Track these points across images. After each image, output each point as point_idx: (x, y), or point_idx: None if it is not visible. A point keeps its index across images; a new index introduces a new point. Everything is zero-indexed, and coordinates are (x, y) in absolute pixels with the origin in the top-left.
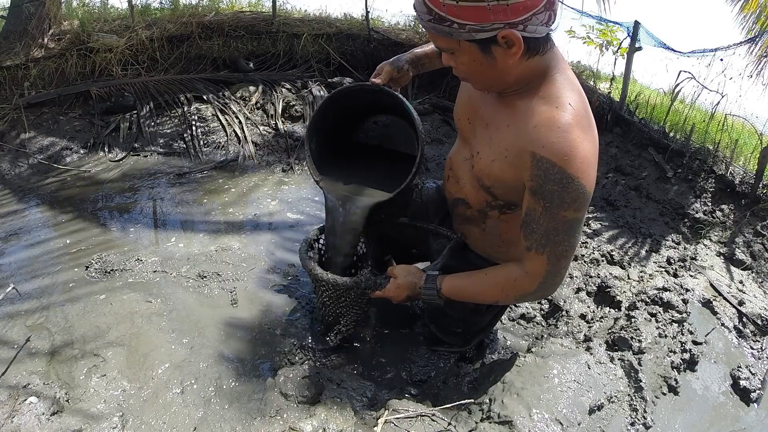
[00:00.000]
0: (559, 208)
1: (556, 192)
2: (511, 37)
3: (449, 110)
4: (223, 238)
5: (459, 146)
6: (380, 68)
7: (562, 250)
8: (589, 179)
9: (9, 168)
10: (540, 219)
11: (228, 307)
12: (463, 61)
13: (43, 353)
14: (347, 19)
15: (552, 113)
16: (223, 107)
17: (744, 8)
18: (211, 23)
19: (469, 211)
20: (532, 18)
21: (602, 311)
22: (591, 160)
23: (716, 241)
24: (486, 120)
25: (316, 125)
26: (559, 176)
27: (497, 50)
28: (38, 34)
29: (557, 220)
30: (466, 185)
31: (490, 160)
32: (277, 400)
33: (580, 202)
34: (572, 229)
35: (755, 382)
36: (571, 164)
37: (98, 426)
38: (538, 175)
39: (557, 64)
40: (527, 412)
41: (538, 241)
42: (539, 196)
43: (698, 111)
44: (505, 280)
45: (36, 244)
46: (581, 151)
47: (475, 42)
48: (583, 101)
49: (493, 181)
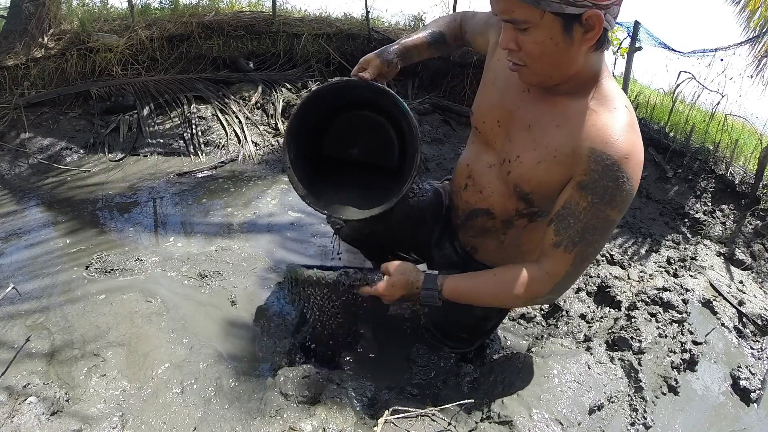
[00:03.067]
0: (607, 206)
1: (609, 188)
2: (595, 19)
3: (449, 110)
4: (222, 237)
5: (479, 152)
6: (366, 61)
7: (590, 252)
8: (638, 181)
9: (9, 168)
10: (581, 214)
11: (228, 306)
12: (537, 39)
13: (43, 353)
14: (347, 19)
15: (612, 113)
16: (223, 107)
17: (747, 6)
18: (211, 23)
19: (491, 222)
20: (612, 7)
21: (602, 311)
22: (641, 164)
23: (716, 241)
24: (527, 122)
25: (294, 132)
26: (617, 174)
27: (577, 31)
28: (38, 33)
29: (600, 218)
30: (492, 194)
31: (535, 163)
32: (277, 400)
33: (626, 202)
34: (608, 230)
35: (755, 382)
36: (629, 164)
37: (98, 426)
38: (595, 170)
39: (606, 68)
40: (527, 412)
41: (572, 237)
42: (589, 191)
43: (698, 111)
44: (518, 280)
45: (36, 244)
46: (637, 153)
47: (560, 16)
48: (628, 101)
49: (534, 186)
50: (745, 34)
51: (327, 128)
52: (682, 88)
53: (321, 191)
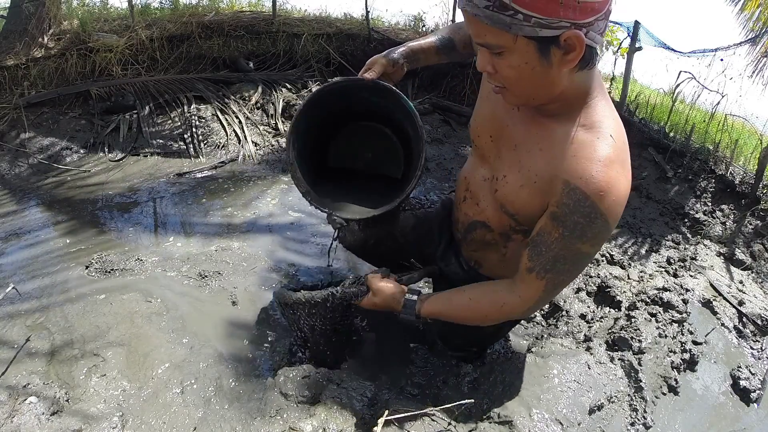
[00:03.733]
0: (577, 240)
1: (579, 224)
2: (574, 39)
3: (449, 110)
4: (222, 237)
5: (476, 164)
6: (372, 62)
7: (563, 280)
8: (616, 218)
9: (9, 168)
10: (552, 244)
11: (228, 306)
12: (512, 64)
13: (43, 353)
14: (347, 19)
15: (593, 144)
16: (223, 107)
17: (744, 8)
18: (211, 23)
19: (490, 234)
20: (595, 23)
21: (602, 311)
22: (623, 199)
23: (716, 241)
24: (515, 141)
25: (299, 131)
26: (588, 210)
27: (555, 54)
28: (38, 33)
29: (570, 250)
30: (487, 208)
31: (518, 186)
32: (277, 400)
33: (599, 238)
34: (581, 262)
35: (755, 382)
36: (604, 201)
37: (98, 426)
38: (567, 204)
39: (598, 86)
40: (527, 412)
41: (543, 265)
42: (560, 223)
43: (698, 111)
44: (491, 305)
45: (36, 244)
46: (616, 189)
47: (535, 40)
48: (622, 133)
49: (518, 209)
50: (744, 34)
51: (330, 139)
52: (682, 88)
53: (323, 193)
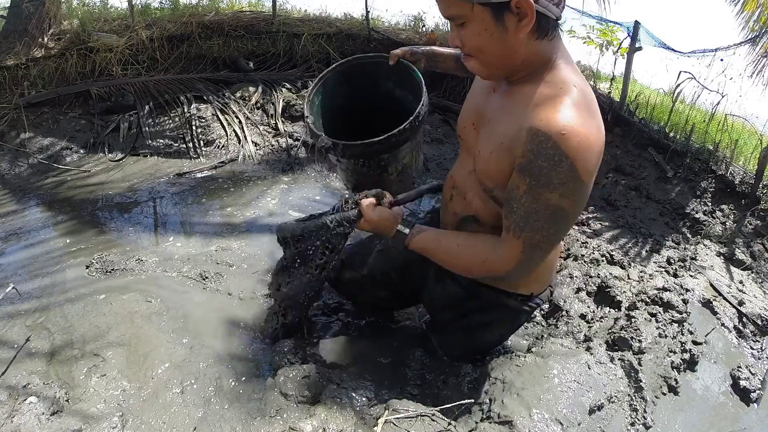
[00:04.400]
0: (544, 188)
1: (544, 169)
2: (524, 5)
3: (449, 110)
4: (223, 237)
5: (462, 160)
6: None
7: (539, 239)
8: (586, 164)
9: (9, 168)
10: (522, 198)
11: (228, 306)
12: (474, 32)
13: (43, 353)
14: (347, 19)
15: (556, 94)
16: (223, 107)
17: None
18: (211, 23)
19: (481, 229)
20: None
21: (602, 311)
22: (591, 144)
23: (716, 241)
24: (489, 117)
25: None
26: (552, 152)
27: (510, 19)
28: (38, 33)
29: (539, 202)
30: (474, 199)
31: (488, 153)
32: (277, 400)
33: (569, 186)
34: (554, 218)
35: (755, 382)
36: (567, 141)
37: (98, 426)
38: (530, 150)
39: (562, 53)
40: (527, 412)
41: (517, 222)
42: (526, 173)
43: (698, 111)
44: (474, 257)
45: (36, 244)
46: (581, 130)
47: (488, 6)
48: (588, 88)
49: (493, 180)
50: (744, 34)
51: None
52: (682, 88)
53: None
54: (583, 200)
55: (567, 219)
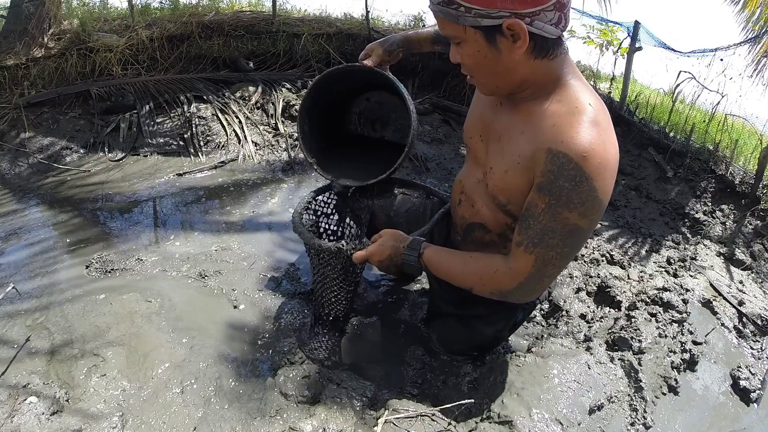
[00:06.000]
0: (564, 208)
1: (565, 189)
2: (516, 27)
3: (449, 110)
4: (223, 237)
5: (469, 168)
6: (370, 49)
7: (552, 256)
8: (604, 184)
9: (9, 167)
10: (540, 216)
11: (228, 306)
12: (469, 53)
13: (43, 353)
14: (347, 18)
15: (572, 112)
16: (223, 107)
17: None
18: (211, 23)
19: (488, 235)
20: (540, 14)
21: (602, 311)
22: (610, 163)
23: (716, 241)
24: (499, 133)
25: (308, 108)
26: (573, 173)
27: (502, 42)
28: (38, 33)
29: (558, 221)
30: (482, 208)
31: (503, 172)
32: (277, 400)
33: (588, 206)
34: (571, 236)
35: (755, 382)
36: (588, 162)
37: (98, 426)
38: (551, 170)
39: (571, 70)
40: (527, 412)
41: (531, 239)
42: (545, 192)
43: (698, 111)
44: (486, 269)
45: (36, 244)
46: (601, 151)
47: (480, 30)
48: (602, 105)
49: (507, 196)
50: (744, 34)
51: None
52: (682, 88)
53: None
54: (599, 218)
55: (582, 237)
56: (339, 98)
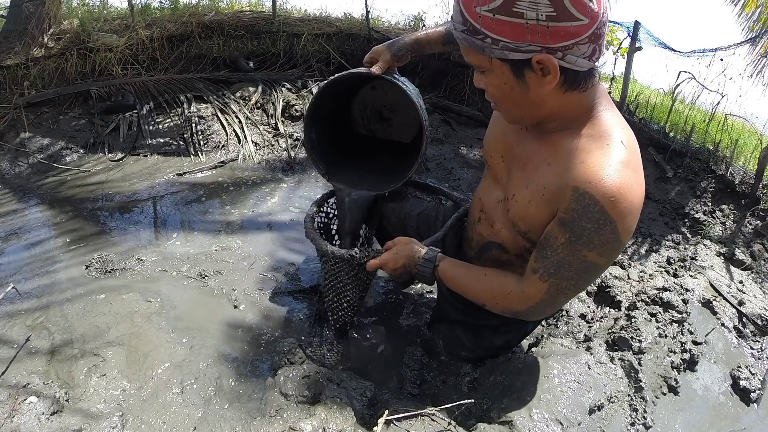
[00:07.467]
0: (584, 247)
1: (587, 230)
2: (546, 63)
3: (449, 110)
4: (223, 237)
5: (490, 186)
6: (377, 52)
7: (566, 287)
8: (627, 227)
9: (9, 167)
10: (558, 249)
11: (228, 306)
12: (494, 83)
13: (43, 353)
14: (347, 18)
15: (602, 150)
16: (223, 107)
17: (745, 7)
18: (211, 23)
19: (506, 255)
20: (574, 47)
21: (602, 311)
22: (636, 209)
23: (716, 241)
24: (523, 160)
25: (313, 116)
26: (597, 216)
27: (530, 76)
28: (38, 33)
29: (576, 257)
30: (501, 229)
31: (527, 202)
32: (277, 400)
33: (608, 247)
34: (587, 271)
35: (755, 382)
36: (615, 207)
37: (98, 426)
38: (575, 209)
39: (602, 101)
40: (527, 412)
41: (547, 268)
42: (567, 228)
43: (698, 111)
44: (499, 289)
45: (36, 244)
46: (628, 195)
47: (507, 62)
48: (634, 140)
49: (529, 225)
50: (745, 34)
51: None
52: (682, 88)
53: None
54: (617, 256)
55: (598, 272)
56: (343, 95)
